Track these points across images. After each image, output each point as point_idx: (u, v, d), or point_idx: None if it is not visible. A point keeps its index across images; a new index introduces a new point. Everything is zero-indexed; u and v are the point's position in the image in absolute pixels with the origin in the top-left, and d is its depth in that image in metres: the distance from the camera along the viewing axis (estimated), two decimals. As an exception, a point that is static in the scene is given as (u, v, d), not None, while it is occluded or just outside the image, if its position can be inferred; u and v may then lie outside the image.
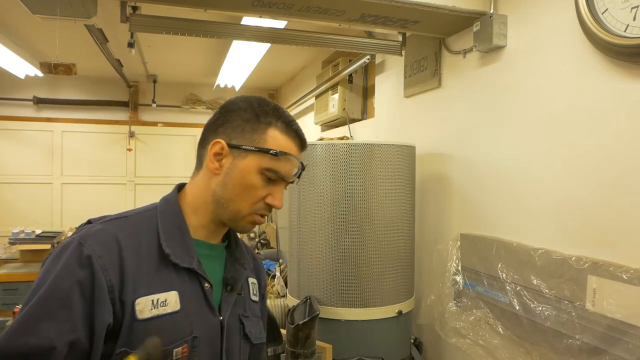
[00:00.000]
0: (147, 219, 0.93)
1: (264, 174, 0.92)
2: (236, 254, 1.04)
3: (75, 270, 0.79)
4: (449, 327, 1.96)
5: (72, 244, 0.82)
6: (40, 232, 4.52)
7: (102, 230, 0.86)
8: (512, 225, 1.79)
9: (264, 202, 0.94)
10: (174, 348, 0.85)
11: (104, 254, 0.82)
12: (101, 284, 0.80)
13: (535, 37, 1.70)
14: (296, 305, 1.89)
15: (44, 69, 3.15)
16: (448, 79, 2.24)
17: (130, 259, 0.84)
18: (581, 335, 1.40)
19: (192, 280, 0.91)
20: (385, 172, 1.90)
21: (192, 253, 0.92)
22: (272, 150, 0.92)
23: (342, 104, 3.29)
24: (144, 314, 0.83)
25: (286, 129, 0.95)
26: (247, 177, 0.92)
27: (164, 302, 0.85)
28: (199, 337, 0.89)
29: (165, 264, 0.88)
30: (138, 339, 0.81)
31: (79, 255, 0.80)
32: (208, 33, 2.07)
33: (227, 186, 0.93)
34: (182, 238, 0.92)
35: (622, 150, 1.37)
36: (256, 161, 0.92)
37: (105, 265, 0.81)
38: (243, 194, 0.92)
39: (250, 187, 0.92)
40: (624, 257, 1.34)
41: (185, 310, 0.88)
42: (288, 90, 5.34)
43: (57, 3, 1.68)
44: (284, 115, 0.96)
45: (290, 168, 0.94)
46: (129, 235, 0.87)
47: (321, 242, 1.92)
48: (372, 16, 1.91)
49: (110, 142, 5.38)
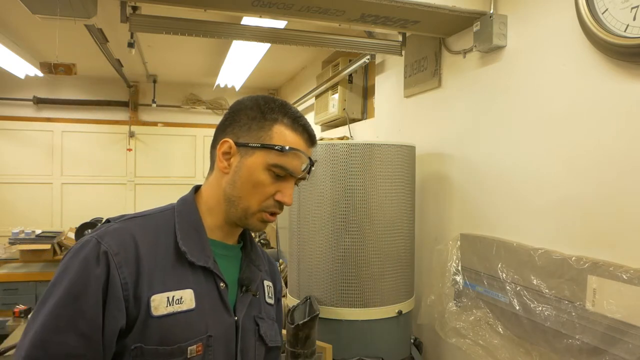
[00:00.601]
0: (165, 218, 0.94)
1: (271, 171, 0.92)
2: (252, 256, 1.05)
3: (93, 266, 0.81)
4: (449, 327, 1.96)
5: (90, 242, 0.84)
6: (40, 232, 4.53)
7: (120, 228, 0.88)
8: (512, 225, 1.79)
9: (273, 199, 0.94)
10: (188, 346, 0.85)
11: (120, 251, 0.83)
12: (115, 282, 0.81)
13: (535, 37, 1.70)
14: (296, 305, 1.89)
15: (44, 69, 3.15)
16: (448, 79, 2.24)
17: (146, 257, 0.86)
18: (581, 335, 1.40)
19: (207, 279, 0.92)
20: (385, 172, 1.90)
21: (208, 252, 0.93)
22: (278, 146, 0.92)
23: (342, 104, 3.29)
24: (159, 311, 0.84)
25: (293, 124, 0.95)
26: (254, 174, 0.92)
27: (179, 300, 0.86)
28: (214, 336, 0.89)
29: (182, 262, 0.90)
30: (153, 335, 0.83)
31: (97, 252, 0.82)
32: (208, 33, 2.07)
33: (236, 184, 0.94)
34: (198, 237, 0.93)
35: (623, 150, 1.37)
36: (263, 158, 0.92)
37: (121, 262, 0.83)
38: (251, 191, 0.93)
39: (258, 184, 0.92)
40: (624, 257, 1.34)
41: (200, 309, 0.89)
42: (288, 90, 5.34)
43: (57, 3, 1.68)
44: (290, 111, 0.96)
45: (298, 163, 0.94)
46: (146, 233, 0.89)
47: (321, 242, 1.92)
48: (372, 16, 1.91)
49: (110, 142, 5.38)
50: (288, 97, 5.26)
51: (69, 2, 1.67)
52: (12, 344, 2.13)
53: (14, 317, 2.81)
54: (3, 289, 4.08)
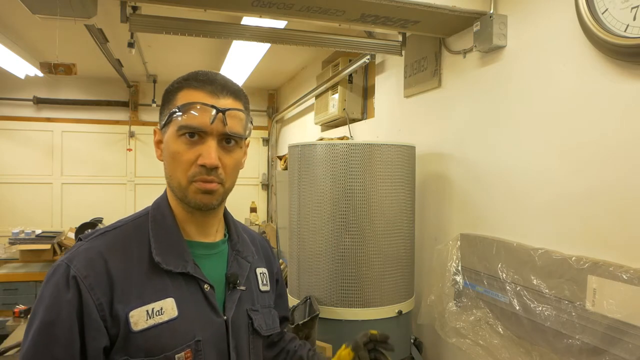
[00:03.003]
0: (138, 227, 0.92)
1: (182, 137, 0.87)
2: (238, 247, 1.01)
3: (64, 292, 0.80)
4: (449, 327, 1.96)
5: (61, 266, 0.83)
6: (40, 232, 4.53)
7: (89, 248, 0.86)
8: (512, 225, 1.79)
9: (197, 166, 0.86)
10: (176, 354, 0.84)
11: (90, 273, 0.82)
12: (89, 304, 0.80)
13: (535, 37, 1.70)
14: (296, 305, 1.89)
15: (44, 69, 3.14)
16: (448, 79, 2.24)
17: (118, 273, 0.84)
18: (581, 335, 1.40)
19: (189, 284, 0.90)
20: (385, 172, 1.90)
21: (186, 257, 0.90)
22: (175, 109, 0.87)
23: (342, 104, 3.29)
24: (139, 326, 0.82)
25: (192, 82, 0.89)
26: (170, 146, 0.88)
27: (159, 311, 0.84)
28: (202, 340, 0.88)
29: (158, 271, 0.87)
30: (137, 348, 0.82)
31: (67, 277, 0.81)
32: (208, 33, 2.07)
33: (165, 165, 0.91)
34: (174, 243, 0.91)
35: (623, 150, 1.37)
36: (172, 127, 0.88)
37: (92, 284, 0.81)
38: (174, 164, 0.88)
39: (175, 154, 0.87)
40: (624, 257, 1.34)
41: (184, 316, 0.87)
42: (288, 90, 5.34)
43: (57, 3, 1.68)
44: (191, 74, 0.91)
45: (203, 116, 0.85)
46: (117, 249, 0.87)
47: (321, 242, 1.92)
48: (372, 16, 1.91)
49: (110, 142, 5.38)
50: (288, 97, 5.26)
51: (69, 2, 1.67)
52: (12, 344, 2.13)
53: (14, 317, 2.81)
54: (3, 289, 4.08)
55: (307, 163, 1.97)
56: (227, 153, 0.89)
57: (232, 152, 0.90)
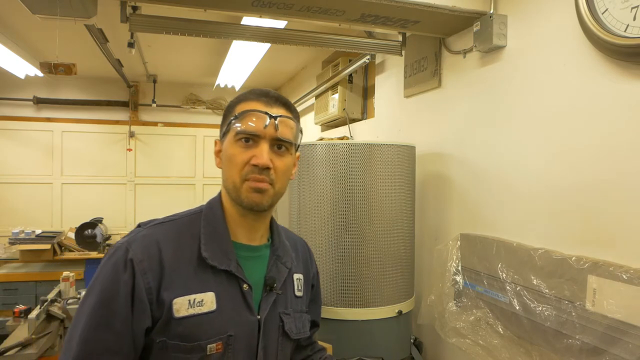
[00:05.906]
0: (192, 222, 1.00)
1: (239, 141, 0.96)
2: (279, 252, 1.07)
3: (121, 272, 0.89)
4: (449, 327, 1.96)
5: (121, 248, 0.91)
6: (40, 232, 4.53)
7: (147, 235, 0.94)
8: (512, 225, 1.79)
9: (250, 165, 0.95)
10: (208, 344, 0.91)
11: (145, 258, 0.90)
12: (140, 287, 0.88)
13: (535, 37, 1.70)
14: (296, 305, 1.89)
15: (44, 69, 3.14)
16: (448, 79, 2.24)
17: (169, 262, 0.92)
18: (581, 335, 1.40)
19: (230, 282, 0.96)
20: (385, 172, 1.90)
21: (231, 256, 0.97)
22: (232, 117, 0.98)
23: (342, 104, 3.29)
24: (180, 313, 0.90)
25: (249, 95, 1.01)
26: (228, 151, 0.98)
27: (200, 302, 0.92)
28: (234, 335, 0.94)
29: (204, 266, 0.94)
30: (175, 332, 0.90)
31: (125, 259, 0.89)
32: (208, 33, 2.07)
33: (223, 169, 1.01)
34: (222, 242, 0.98)
35: (623, 150, 1.37)
36: (231, 134, 0.98)
37: (145, 269, 0.89)
38: (229, 166, 0.97)
39: (232, 157, 0.97)
40: (624, 257, 1.34)
41: (221, 310, 0.93)
42: (288, 90, 5.34)
43: (57, 3, 1.68)
44: (250, 89, 1.03)
45: (257, 122, 0.96)
46: (171, 240, 0.95)
47: (321, 241, 1.92)
48: (372, 16, 1.91)
49: (110, 142, 5.37)
50: (288, 97, 5.23)
51: (69, 2, 1.67)
52: (12, 344, 2.13)
53: (14, 317, 2.80)
54: (3, 289, 4.09)
55: (307, 163, 1.97)
56: (278, 157, 0.98)
57: (283, 157, 0.99)
